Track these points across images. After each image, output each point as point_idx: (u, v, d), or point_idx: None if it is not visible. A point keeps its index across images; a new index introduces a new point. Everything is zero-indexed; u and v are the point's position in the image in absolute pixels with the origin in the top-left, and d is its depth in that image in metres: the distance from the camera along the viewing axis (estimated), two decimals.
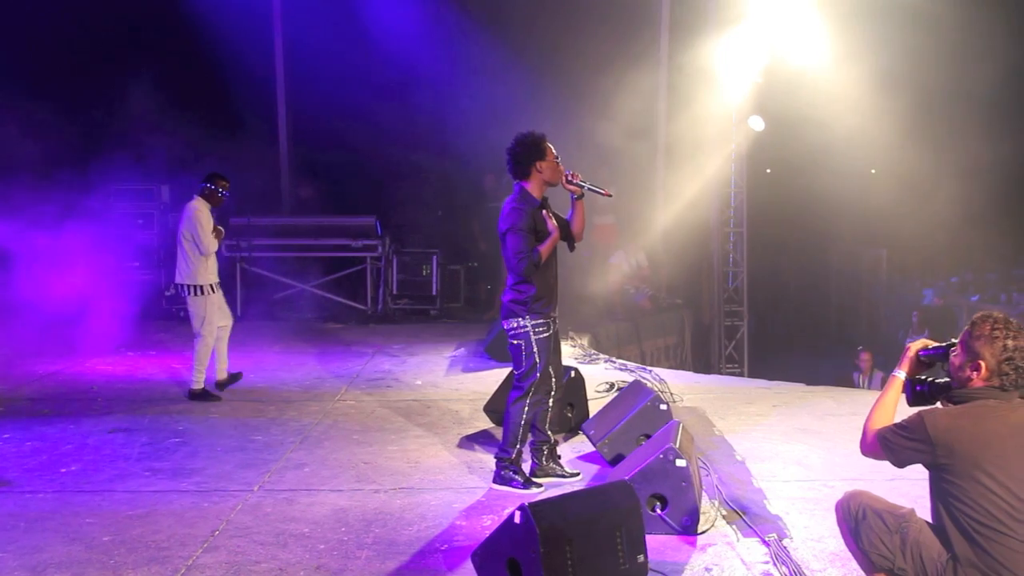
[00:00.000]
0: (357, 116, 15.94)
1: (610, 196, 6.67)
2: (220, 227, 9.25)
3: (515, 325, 6.37)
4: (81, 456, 7.25)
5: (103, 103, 15.36)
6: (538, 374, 6.36)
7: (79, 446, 7.53)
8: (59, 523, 5.77)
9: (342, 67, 15.28)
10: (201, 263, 9.02)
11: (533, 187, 6.37)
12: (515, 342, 6.40)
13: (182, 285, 9.10)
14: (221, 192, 9.13)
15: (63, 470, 6.89)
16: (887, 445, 3.94)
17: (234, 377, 9.59)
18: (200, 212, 9.00)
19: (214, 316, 9.16)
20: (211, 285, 9.12)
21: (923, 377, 4.16)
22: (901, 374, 4.17)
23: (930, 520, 4.00)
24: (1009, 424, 3.79)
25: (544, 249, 6.30)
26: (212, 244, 9.05)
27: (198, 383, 9.17)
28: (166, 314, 14.25)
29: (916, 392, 4.16)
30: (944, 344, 4.06)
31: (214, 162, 14.39)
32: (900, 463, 3.96)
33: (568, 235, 6.59)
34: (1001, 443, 3.75)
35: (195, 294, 9.05)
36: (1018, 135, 18.55)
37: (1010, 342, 3.80)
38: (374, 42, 15.38)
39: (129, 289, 13.83)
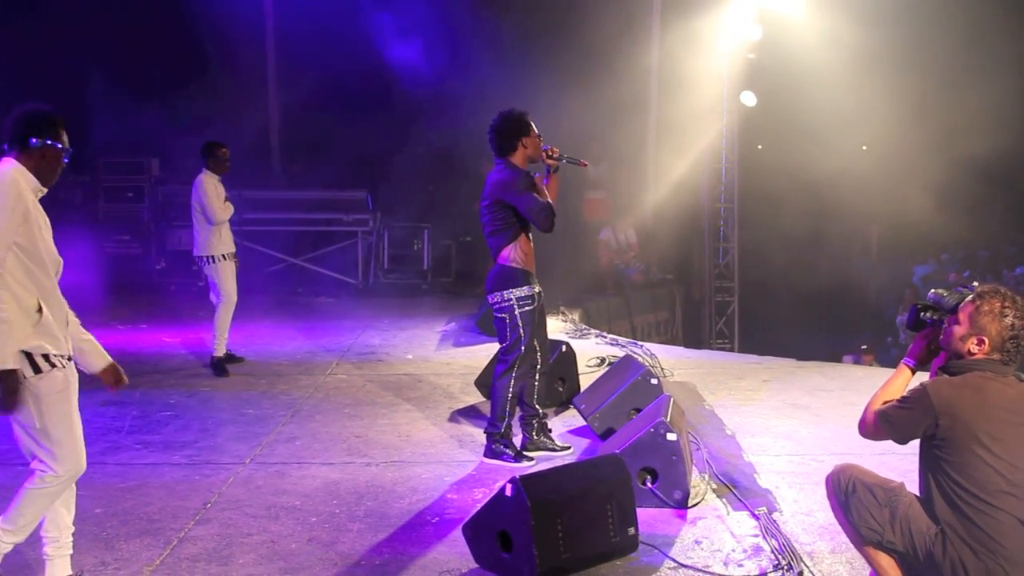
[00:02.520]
0: (348, 90, 15.89)
1: (585, 166, 6.78)
2: (229, 201, 9.26)
3: (499, 299, 6.38)
4: None
5: (92, 75, 15.25)
6: (523, 347, 6.37)
7: None
8: None
9: (334, 42, 15.20)
10: (214, 234, 9.07)
11: (517, 161, 6.38)
12: (500, 315, 6.43)
13: (199, 257, 9.17)
14: (223, 159, 9.16)
15: None
16: (889, 421, 3.95)
17: (232, 358, 9.55)
18: (207, 183, 9.04)
19: (230, 284, 9.22)
20: (224, 255, 9.16)
21: (931, 312, 4.16)
22: (910, 361, 4.19)
23: (919, 494, 4.02)
24: (1006, 398, 3.82)
25: (550, 200, 6.36)
26: (222, 213, 9.06)
27: (219, 350, 9.25)
28: (158, 287, 14.22)
29: (919, 319, 4.18)
30: (953, 302, 4.02)
31: (204, 136, 14.35)
32: (903, 438, 3.97)
33: None
34: (998, 416, 3.78)
35: (210, 263, 9.11)
36: (1010, 115, 18.55)
37: (1018, 321, 3.83)
38: (367, 18, 15.30)
39: (120, 262, 13.82)
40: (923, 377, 4.07)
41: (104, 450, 6.74)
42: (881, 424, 3.99)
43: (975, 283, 4.04)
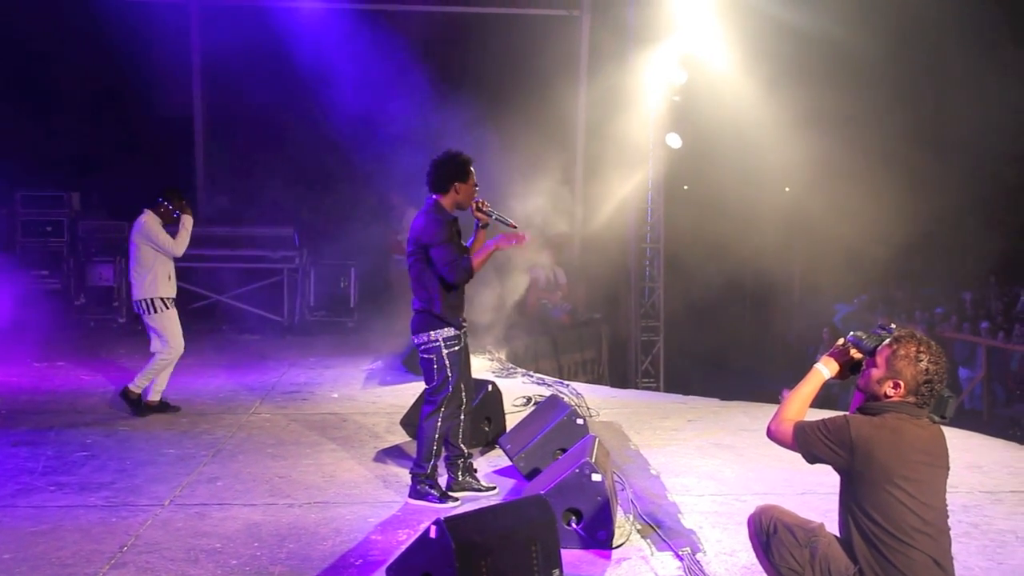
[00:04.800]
0: (275, 126, 15.78)
1: (515, 227, 6.63)
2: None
3: (426, 340, 6.36)
4: None
5: (9, 105, 14.95)
6: (450, 388, 6.35)
7: None
8: None
9: (262, 77, 15.11)
10: (160, 276, 8.66)
11: (446, 203, 6.38)
12: (426, 356, 6.39)
13: (140, 301, 8.67)
14: (175, 213, 8.82)
15: None
16: (804, 439, 4.00)
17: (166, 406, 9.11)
18: (150, 223, 8.68)
19: (177, 334, 8.83)
20: (167, 299, 8.74)
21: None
22: (825, 370, 4.24)
23: (838, 534, 4.08)
24: (921, 440, 3.91)
25: (477, 261, 6.32)
26: (181, 244, 8.75)
27: (140, 387, 8.86)
28: (76, 324, 13.92)
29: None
30: (872, 345, 4.10)
31: (126, 169, 14.13)
32: (811, 459, 4.02)
33: None
34: (914, 457, 3.87)
35: (152, 311, 8.66)
36: (931, 159, 19.13)
37: (932, 366, 3.93)
38: (292, 54, 15.24)
39: (37, 299, 13.50)
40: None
41: (15, 492, 6.55)
42: (796, 438, 4.04)
43: (892, 326, 4.13)
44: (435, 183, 6.40)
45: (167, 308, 8.78)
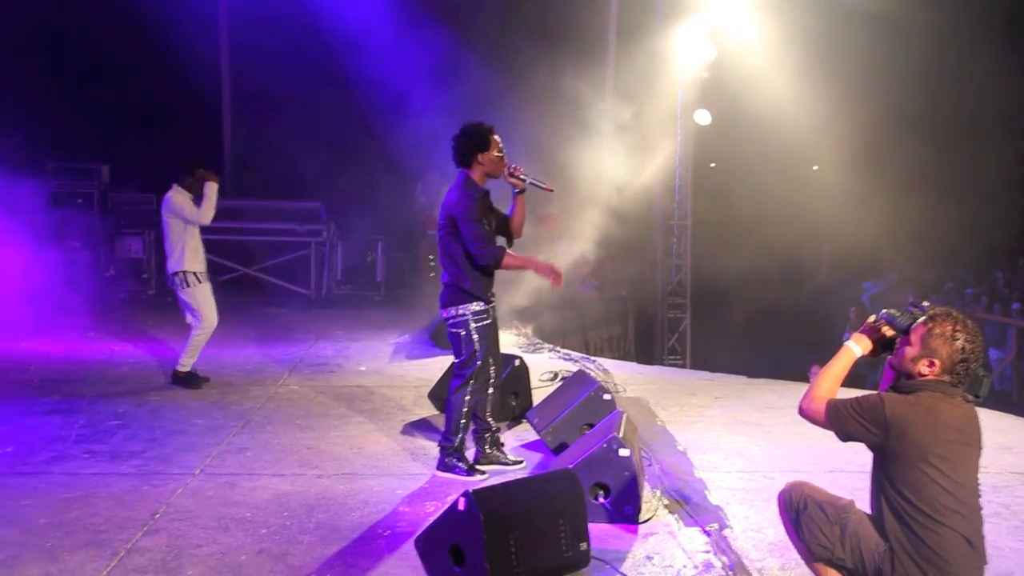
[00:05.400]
0: (303, 100, 15.81)
1: (551, 191, 6.61)
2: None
3: (454, 313, 6.35)
4: (16, 438, 7.13)
5: (41, 79, 15.05)
6: (478, 362, 6.36)
7: (14, 427, 7.40)
8: None
9: (289, 50, 15.13)
10: (188, 248, 8.69)
11: (476, 176, 6.36)
12: (454, 330, 6.39)
13: (174, 274, 8.74)
14: (203, 184, 8.81)
15: None
16: (838, 416, 3.98)
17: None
18: (177, 197, 8.69)
19: (211, 308, 8.91)
20: (198, 273, 8.80)
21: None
22: (856, 348, 4.21)
23: (869, 511, 4.07)
24: (956, 418, 3.89)
25: (510, 261, 6.29)
26: (207, 212, 8.73)
27: (185, 366, 8.96)
28: (106, 295, 14.03)
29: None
30: (906, 323, 4.08)
31: (156, 143, 14.20)
32: (845, 437, 4.01)
33: (507, 230, 6.59)
34: (948, 436, 3.85)
35: (185, 285, 8.72)
36: (959, 135, 18.93)
37: (968, 344, 3.89)
38: (320, 27, 15.23)
39: (69, 269, 13.61)
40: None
41: (50, 459, 6.63)
42: (830, 415, 4.02)
43: (926, 304, 4.10)
44: (459, 157, 6.37)
45: (199, 282, 8.82)
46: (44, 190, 14.48)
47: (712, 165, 20.16)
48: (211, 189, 8.85)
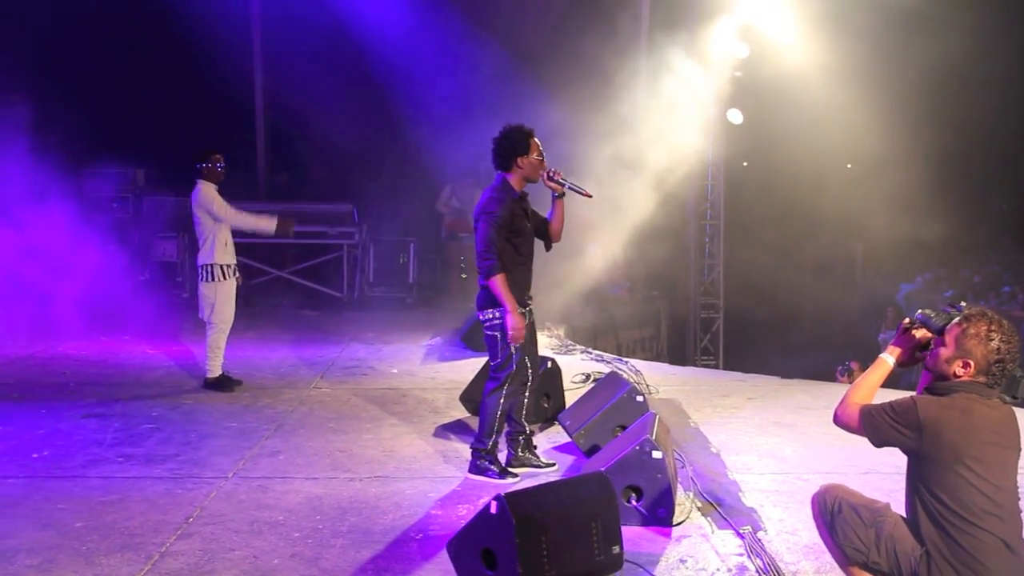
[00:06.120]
0: (335, 103, 15.84)
1: (590, 197, 6.61)
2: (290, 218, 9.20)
3: (490, 316, 6.33)
4: (53, 441, 7.20)
5: (77, 84, 15.18)
6: (514, 365, 6.34)
7: (51, 431, 7.47)
8: (30, 509, 5.73)
9: (321, 54, 15.19)
10: (219, 242, 8.74)
11: (514, 180, 6.35)
12: (491, 333, 6.38)
13: (202, 266, 8.79)
14: (219, 167, 8.84)
15: (34, 455, 6.83)
16: (871, 422, 3.94)
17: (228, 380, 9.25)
18: (205, 190, 8.74)
19: (229, 307, 8.90)
20: (225, 267, 8.82)
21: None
22: (890, 359, 4.18)
23: (905, 515, 4.02)
24: (992, 420, 3.84)
25: (496, 286, 6.17)
26: (233, 213, 8.78)
27: (214, 371, 9.00)
28: (141, 299, 14.12)
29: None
30: (941, 323, 4.03)
31: (189, 147, 14.27)
32: (879, 442, 3.97)
33: (546, 234, 6.58)
34: (984, 438, 3.80)
35: (210, 279, 8.76)
36: (995, 133, 18.71)
37: (1003, 344, 3.85)
38: (352, 30, 15.29)
39: (105, 273, 13.72)
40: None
41: (86, 463, 6.69)
42: (863, 421, 3.98)
43: (962, 304, 4.05)
44: (499, 161, 6.36)
45: (224, 279, 8.83)
46: (80, 194, 14.63)
47: (745, 164, 20.03)
48: (248, 223, 9.00)
